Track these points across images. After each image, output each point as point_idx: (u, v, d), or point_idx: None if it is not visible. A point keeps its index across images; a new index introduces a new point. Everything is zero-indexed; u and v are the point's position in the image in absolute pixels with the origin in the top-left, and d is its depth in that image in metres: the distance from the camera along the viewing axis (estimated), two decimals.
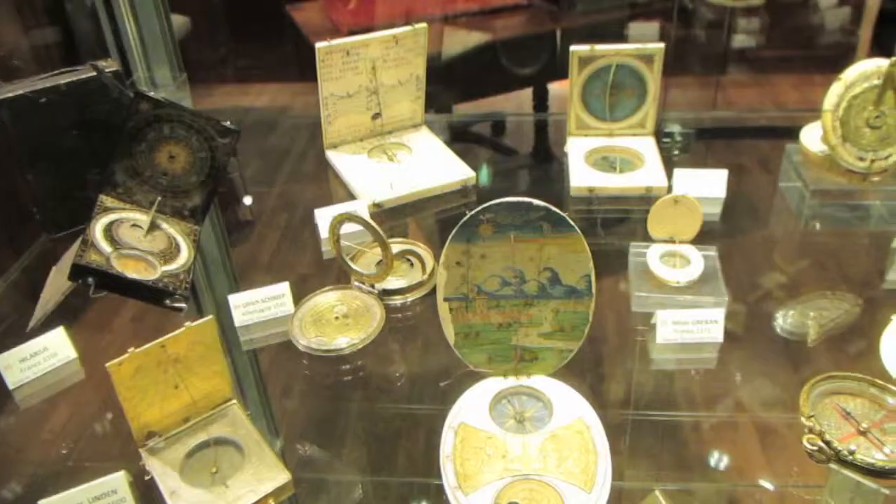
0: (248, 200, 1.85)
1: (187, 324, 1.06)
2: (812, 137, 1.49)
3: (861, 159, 1.42)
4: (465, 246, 1.09)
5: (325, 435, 1.23)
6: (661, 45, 1.64)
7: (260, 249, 1.69)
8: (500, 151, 2.60)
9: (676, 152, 1.89)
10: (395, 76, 1.74)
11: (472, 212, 1.07)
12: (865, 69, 1.39)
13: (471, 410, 1.12)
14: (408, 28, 1.68)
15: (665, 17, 2.69)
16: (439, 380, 1.23)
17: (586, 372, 1.27)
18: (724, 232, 1.55)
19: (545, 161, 2.05)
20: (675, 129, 1.96)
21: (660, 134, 1.88)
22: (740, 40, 2.52)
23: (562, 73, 1.73)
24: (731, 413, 1.23)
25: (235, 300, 1.33)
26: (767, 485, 1.10)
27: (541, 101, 2.89)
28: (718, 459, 1.17)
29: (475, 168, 1.67)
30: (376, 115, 1.77)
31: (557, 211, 1.06)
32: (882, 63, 1.38)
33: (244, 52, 3.51)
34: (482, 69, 2.84)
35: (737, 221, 1.58)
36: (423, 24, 1.69)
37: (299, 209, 1.74)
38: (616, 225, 1.64)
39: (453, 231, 1.08)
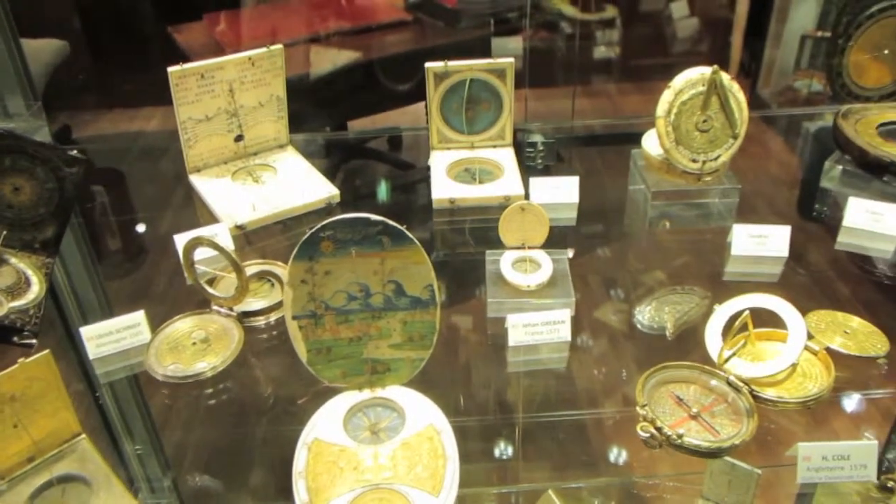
0: (141, 228, 1.81)
1: (21, 360, 1.03)
2: (652, 143, 1.58)
3: (694, 161, 1.52)
4: (308, 264, 1.11)
5: (193, 462, 1.22)
6: (511, 59, 1.70)
7: (126, 278, 1.66)
8: (397, 166, 2.63)
9: (540, 161, 1.96)
10: (255, 97, 1.74)
11: (312, 230, 1.09)
12: (691, 77, 1.49)
13: (324, 425, 1.13)
14: (263, 49, 1.69)
15: (550, 30, 2.79)
16: (300, 398, 1.24)
17: (444, 379, 1.30)
18: (580, 235, 1.62)
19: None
20: (538, 138, 2.03)
21: (522, 144, 1.96)
22: (599, 52, 2.64)
23: None
24: (595, 409, 1.29)
25: (88, 332, 1.30)
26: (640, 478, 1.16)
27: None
28: (596, 455, 1.22)
29: (341, 186, 1.69)
30: (239, 138, 1.76)
31: (395, 224, 1.09)
32: (706, 71, 1.48)
33: (128, 75, 3.43)
34: (370, 85, 2.87)
35: (591, 225, 1.65)
36: (279, 46, 1.70)
37: (164, 235, 1.71)
38: (479, 234, 1.69)
39: (295, 249, 1.10)
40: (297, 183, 1.71)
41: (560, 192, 1.65)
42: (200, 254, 1.38)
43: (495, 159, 1.77)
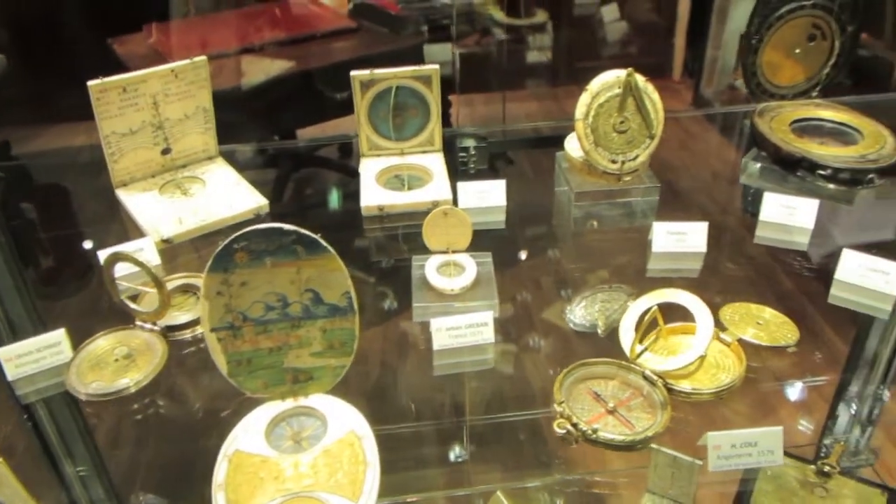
0: (88, 244, 1.78)
1: None
2: (574, 145, 1.61)
3: (613, 162, 1.56)
4: (223, 275, 1.11)
5: (119, 479, 1.21)
6: (436, 66, 1.72)
7: (53, 296, 1.64)
8: (347, 173, 2.63)
9: (472, 166, 1.99)
10: (181, 110, 1.73)
11: (225, 241, 1.09)
12: (607, 79, 1.52)
13: (246, 437, 1.13)
14: (187, 61, 1.68)
15: (484, 36, 2.82)
16: (224, 410, 1.24)
17: (371, 386, 1.31)
18: (508, 238, 1.65)
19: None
20: (470, 143, 2.05)
21: (455, 149, 1.98)
22: (531, 56, 2.68)
23: None
24: (533, 410, 1.31)
25: (5, 353, 1.28)
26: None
27: None
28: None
29: (266, 195, 1.69)
30: (166, 151, 1.75)
31: (309, 233, 1.10)
32: (620, 73, 1.51)
33: (69, 89, 3.36)
34: (316, 93, 2.86)
35: (519, 227, 1.68)
36: (203, 58, 1.70)
37: (92, 251, 1.69)
38: (410, 240, 1.70)
39: (209, 262, 1.09)
40: (225, 194, 1.71)
41: (488, 196, 1.67)
42: (125, 269, 1.37)
43: (425, 165, 1.78)
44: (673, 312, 1.30)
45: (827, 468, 1.11)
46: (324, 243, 1.11)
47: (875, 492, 1.09)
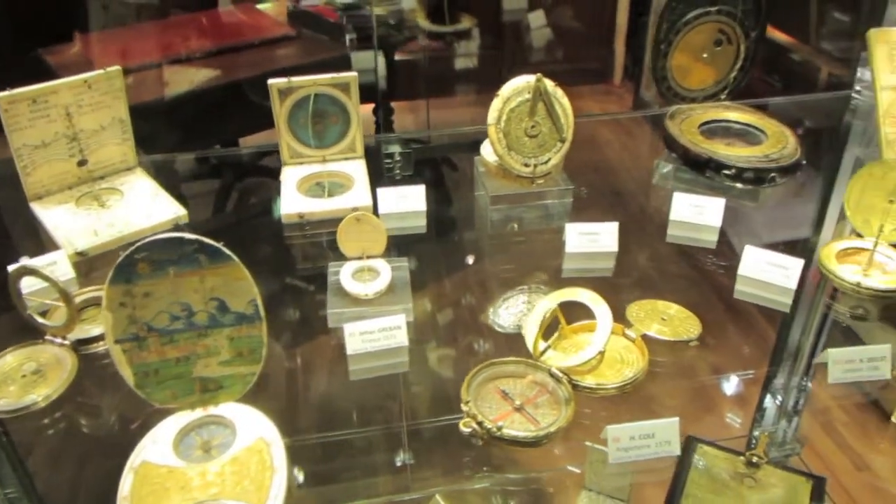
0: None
1: None
2: (489, 149, 1.64)
3: (526, 165, 1.59)
4: (125, 287, 1.10)
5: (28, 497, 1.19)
6: (355, 73, 1.73)
7: None
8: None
9: (398, 171, 2.01)
10: (96, 121, 1.71)
11: (126, 252, 1.08)
12: (518, 85, 1.56)
13: (154, 448, 1.12)
14: (100, 72, 1.66)
15: (411, 43, 2.84)
16: (134, 422, 1.23)
17: (284, 393, 1.32)
18: (428, 242, 1.67)
19: None
20: (395, 149, 2.07)
21: (381, 155, 2.00)
22: (459, 63, 2.72)
23: None
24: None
25: None
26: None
27: None
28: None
29: (185, 206, 1.68)
30: (82, 162, 1.73)
31: (211, 242, 1.10)
32: (531, 79, 1.55)
33: None
34: (252, 102, 2.84)
35: (439, 232, 1.70)
36: (116, 67, 1.68)
37: (4, 266, 1.66)
38: (334, 246, 1.71)
39: (110, 273, 1.09)
40: (143, 205, 1.69)
41: (408, 202, 1.69)
42: (37, 283, 1.35)
43: (347, 172, 1.79)
44: (581, 311, 1.33)
45: (755, 459, 1.15)
46: (227, 251, 1.11)
47: (801, 479, 1.13)
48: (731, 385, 1.40)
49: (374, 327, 1.32)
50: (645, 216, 1.83)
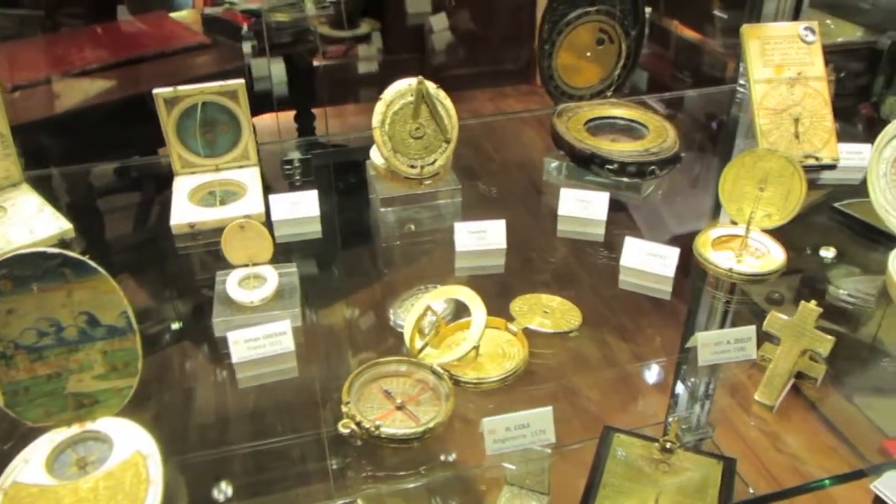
0: None
1: None
2: (377, 153, 1.66)
3: (413, 167, 1.62)
4: None
5: None
6: (241, 80, 1.73)
7: None
8: None
9: (298, 177, 2.01)
10: None
11: None
12: (400, 88, 1.58)
13: (25, 467, 1.10)
14: None
15: (311, 49, 2.83)
16: (5, 443, 1.20)
17: (172, 407, 1.31)
18: (322, 247, 1.67)
19: None
20: (295, 155, 2.07)
21: (281, 162, 2.00)
22: (362, 67, 2.73)
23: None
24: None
25: None
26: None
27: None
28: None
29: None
30: None
31: (75, 255, 1.09)
32: (412, 81, 1.57)
33: None
34: None
35: (334, 236, 1.71)
36: None
37: None
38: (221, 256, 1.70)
39: None
40: (27, 221, 1.65)
41: (301, 207, 1.69)
42: None
43: (240, 180, 1.78)
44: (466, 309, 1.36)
45: (668, 444, 1.18)
46: (92, 264, 1.10)
47: (712, 461, 1.17)
48: (650, 373, 1.45)
49: (259, 334, 1.32)
50: (537, 212, 1.88)
